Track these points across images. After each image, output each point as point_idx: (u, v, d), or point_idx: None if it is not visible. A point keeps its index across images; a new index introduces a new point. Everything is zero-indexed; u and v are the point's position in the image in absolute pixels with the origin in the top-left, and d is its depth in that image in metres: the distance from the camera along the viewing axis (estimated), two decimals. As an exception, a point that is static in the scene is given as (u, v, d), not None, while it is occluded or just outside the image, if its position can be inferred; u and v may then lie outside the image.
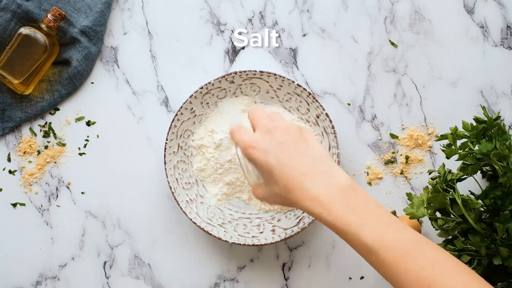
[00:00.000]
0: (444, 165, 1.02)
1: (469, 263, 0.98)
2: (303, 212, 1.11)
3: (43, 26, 1.08)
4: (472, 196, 1.04)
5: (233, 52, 1.15)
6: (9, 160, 1.14)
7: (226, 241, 1.09)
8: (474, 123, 1.00)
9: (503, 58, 1.15)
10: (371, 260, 0.86)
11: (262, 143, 0.90)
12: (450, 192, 1.00)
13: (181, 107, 1.09)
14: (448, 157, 1.00)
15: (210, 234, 1.09)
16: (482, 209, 0.99)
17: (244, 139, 0.91)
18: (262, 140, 0.90)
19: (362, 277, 1.13)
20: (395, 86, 1.15)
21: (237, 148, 0.96)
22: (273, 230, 1.11)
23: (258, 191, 0.95)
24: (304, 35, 1.15)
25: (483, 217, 0.99)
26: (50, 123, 1.14)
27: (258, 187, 0.95)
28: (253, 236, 1.10)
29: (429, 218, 1.00)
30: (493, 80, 1.14)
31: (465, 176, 1.00)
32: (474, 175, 1.00)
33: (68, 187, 1.14)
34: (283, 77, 1.09)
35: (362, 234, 0.85)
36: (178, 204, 1.09)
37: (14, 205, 1.14)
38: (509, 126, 1.15)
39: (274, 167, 0.89)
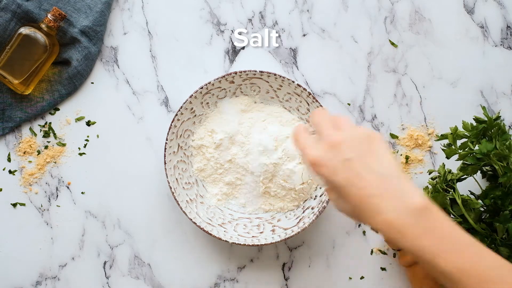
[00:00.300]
0: (444, 165, 1.02)
1: (469, 263, 0.98)
2: (303, 212, 1.11)
3: (43, 26, 1.08)
4: (472, 196, 1.04)
5: (233, 52, 1.15)
6: (9, 160, 1.14)
7: (226, 241, 1.09)
8: (474, 123, 1.00)
9: (503, 58, 1.15)
10: (453, 287, 0.81)
11: (329, 161, 0.84)
12: (450, 192, 1.00)
13: (181, 107, 1.09)
14: (448, 157, 1.00)
15: (210, 234, 1.09)
16: (482, 209, 0.99)
17: (309, 155, 0.86)
18: (328, 157, 0.85)
19: (362, 277, 1.13)
20: (395, 86, 1.15)
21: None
22: (273, 230, 1.11)
23: (330, 195, 0.89)
24: (304, 35, 1.15)
25: (483, 217, 0.99)
26: (50, 123, 1.14)
27: (330, 191, 0.89)
28: (253, 236, 1.10)
29: (429, 218, 1.00)
30: (493, 80, 1.14)
31: (465, 176, 1.01)
32: (474, 175, 1.00)
33: (68, 187, 1.14)
34: (283, 77, 1.09)
35: (439, 261, 0.80)
36: (178, 204, 1.09)
37: (14, 205, 1.14)
38: (509, 126, 1.15)
39: (343, 186, 0.83)
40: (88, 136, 1.14)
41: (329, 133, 0.86)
